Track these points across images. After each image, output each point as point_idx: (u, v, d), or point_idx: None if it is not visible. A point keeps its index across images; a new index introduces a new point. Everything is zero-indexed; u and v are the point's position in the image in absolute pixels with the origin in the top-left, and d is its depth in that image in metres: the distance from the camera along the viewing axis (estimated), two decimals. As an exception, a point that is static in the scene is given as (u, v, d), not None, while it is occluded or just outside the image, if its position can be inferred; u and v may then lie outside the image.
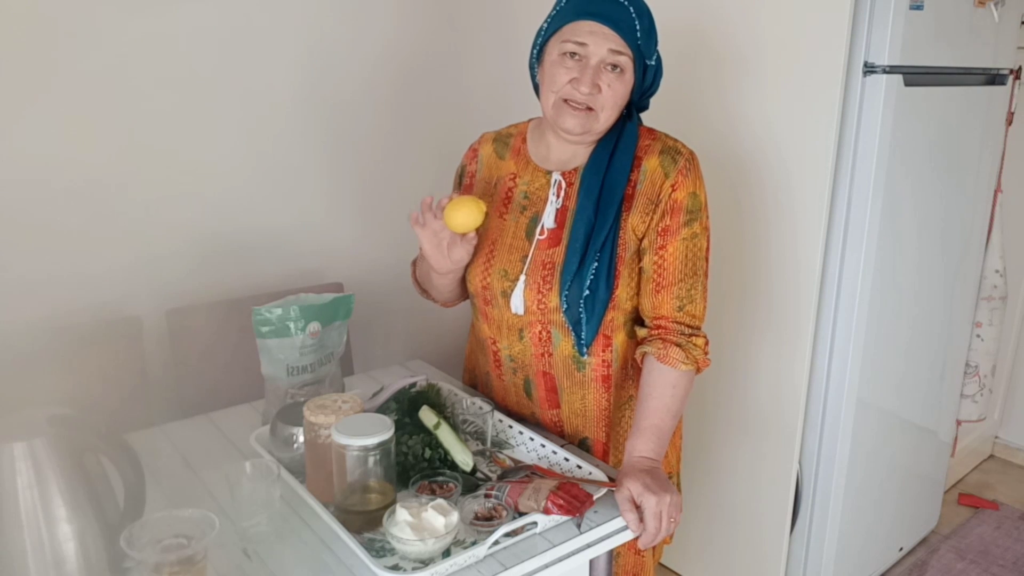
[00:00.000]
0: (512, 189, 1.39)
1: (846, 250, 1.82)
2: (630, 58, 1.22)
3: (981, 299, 2.41)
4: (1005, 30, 2.03)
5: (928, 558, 2.40)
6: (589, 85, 1.21)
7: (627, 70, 1.23)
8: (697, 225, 1.28)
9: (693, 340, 1.27)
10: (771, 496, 2.02)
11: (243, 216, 1.84)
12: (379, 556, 1.04)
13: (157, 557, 0.92)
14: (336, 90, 1.92)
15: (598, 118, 1.25)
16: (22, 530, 0.91)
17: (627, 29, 1.20)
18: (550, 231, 1.33)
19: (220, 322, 1.73)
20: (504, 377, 1.44)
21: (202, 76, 1.70)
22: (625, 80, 1.24)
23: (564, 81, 1.23)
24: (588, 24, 1.20)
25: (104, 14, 1.55)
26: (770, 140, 1.84)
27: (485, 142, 1.46)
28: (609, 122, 1.27)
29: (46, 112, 1.53)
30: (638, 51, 1.22)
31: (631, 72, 1.24)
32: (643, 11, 1.23)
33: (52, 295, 1.59)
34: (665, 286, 1.28)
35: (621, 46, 1.21)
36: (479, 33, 2.12)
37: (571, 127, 1.25)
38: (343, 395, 1.21)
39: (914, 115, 1.80)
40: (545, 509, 1.09)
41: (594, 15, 1.20)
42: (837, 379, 1.90)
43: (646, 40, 1.22)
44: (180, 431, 1.45)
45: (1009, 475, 2.93)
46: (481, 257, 1.38)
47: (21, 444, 0.91)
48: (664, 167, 1.27)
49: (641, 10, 1.23)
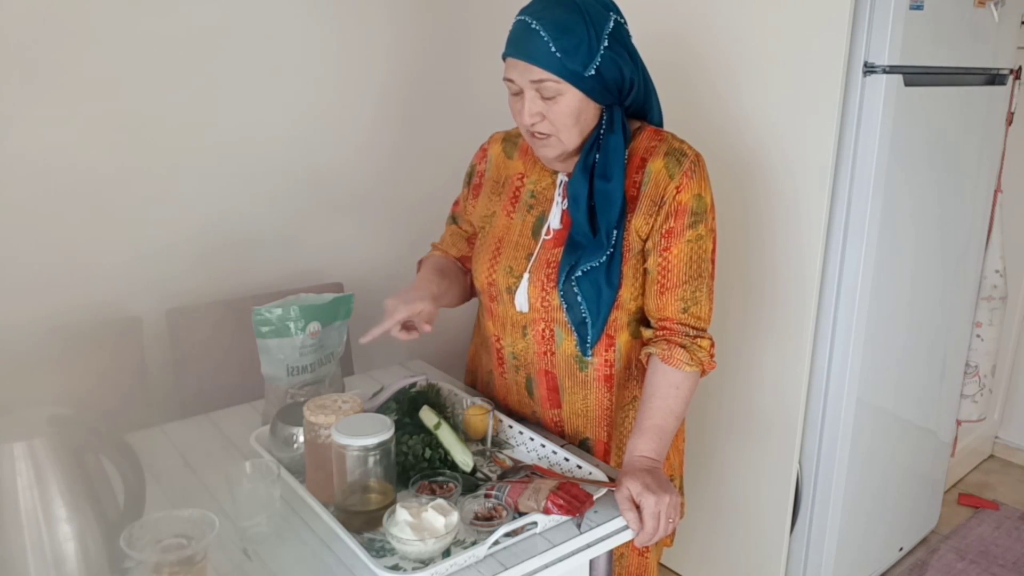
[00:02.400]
0: (520, 188, 1.40)
1: (846, 250, 1.82)
2: (556, 81, 1.19)
3: (981, 299, 2.41)
4: (1005, 30, 2.03)
5: (928, 558, 2.40)
6: (528, 116, 1.22)
7: (562, 93, 1.20)
8: (702, 227, 1.28)
9: (698, 342, 1.27)
10: (771, 496, 2.02)
11: (243, 216, 1.84)
12: (379, 556, 1.04)
13: (157, 557, 0.92)
14: (339, 93, 1.92)
15: (560, 140, 1.25)
16: (22, 530, 0.91)
17: (541, 56, 1.18)
18: (556, 231, 1.33)
19: (220, 322, 1.73)
20: (507, 375, 1.45)
21: (203, 76, 1.70)
22: (564, 102, 1.21)
23: (517, 117, 1.26)
24: (510, 61, 1.23)
25: (104, 13, 1.55)
26: (770, 140, 1.84)
27: (495, 142, 1.48)
28: (575, 139, 1.25)
29: (46, 112, 1.53)
30: (564, 71, 1.18)
31: (570, 92, 1.20)
32: (560, 29, 1.17)
33: (52, 295, 1.59)
34: (669, 288, 1.28)
35: (541, 75, 1.19)
36: (483, 33, 2.12)
37: (545, 155, 1.29)
38: (343, 395, 1.21)
39: (914, 115, 1.80)
40: (545, 509, 1.09)
41: (510, 52, 1.22)
42: (837, 379, 1.90)
43: (571, 57, 1.18)
44: (180, 431, 1.45)
45: (1009, 475, 2.93)
46: (487, 254, 1.39)
47: (21, 444, 0.91)
48: (669, 169, 1.27)
49: (557, 30, 1.17)
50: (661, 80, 1.42)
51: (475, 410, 1.37)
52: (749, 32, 1.83)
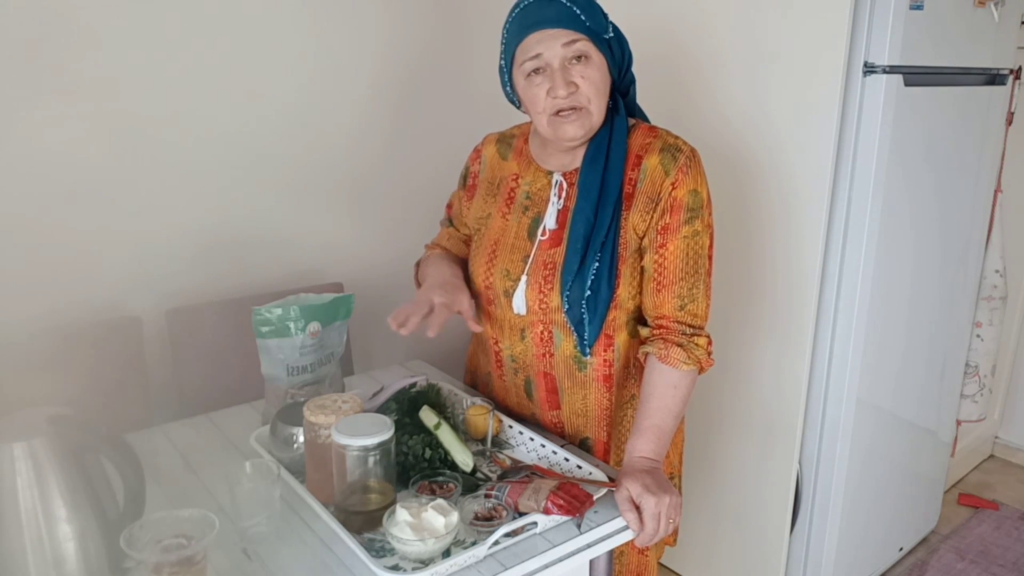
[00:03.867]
0: (515, 189, 1.39)
1: (846, 250, 1.82)
2: (588, 40, 1.21)
3: (981, 299, 2.41)
4: (1005, 30, 2.03)
5: (928, 558, 2.40)
6: (564, 86, 1.21)
7: (592, 54, 1.22)
8: (699, 223, 1.27)
9: (695, 340, 1.27)
10: (771, 496, 2.02)
11: (243, 216, 1.84)
12: (379, 556, 1.04)
13: (157, 557, 0.92)
14: (337, 90, 1.92)
15: (590, 112, 1.25)
16: (22, 530, 0.91)
17: (568, 18, 1.20)
18: (551, 232, 1.33)
19: (220, 322, 1.73)
20: (505, 377, 1.44)
21: (203, 76, 1.70)
22: (595, 64, 1.23)
23: (543, 97, 1.24)
24: (532, 37, 1.21)
25: (104, 13, 1.55)
26: (770, 140, 1.84)
27: (488, 143, 1.47)
28: (601, 112, 1.26)
29: (46, 112, 1.53)
30: (590, 32, 1.21)
31: (597, 54, 1.23)
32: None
33: (52, 295, 1.59)
34: (666, 285, 1.28)
35: (572, 35, 1.20)
36: (482, 33, 2.12)
37: (572, 134, 1.26)
38: (343, 395, 1.21)
39: (914, 115, 1.80)
40: (545, 509, 1.09)
41: (533, 26, 1.21)
42: (837, 379, 1.90)
43: (592, 17, 1.21)
44: (180, 431, 1.45)
45: (1009, 475, 2.93)
46: (483, 257, 1.38)
47: (21, 444, 0.91)
48: (664, 165, 1.27)
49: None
50: (660, 79, 1.42)
51: (475, 410, 1.37)
52: (749, 32, 1.83)
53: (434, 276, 1.40)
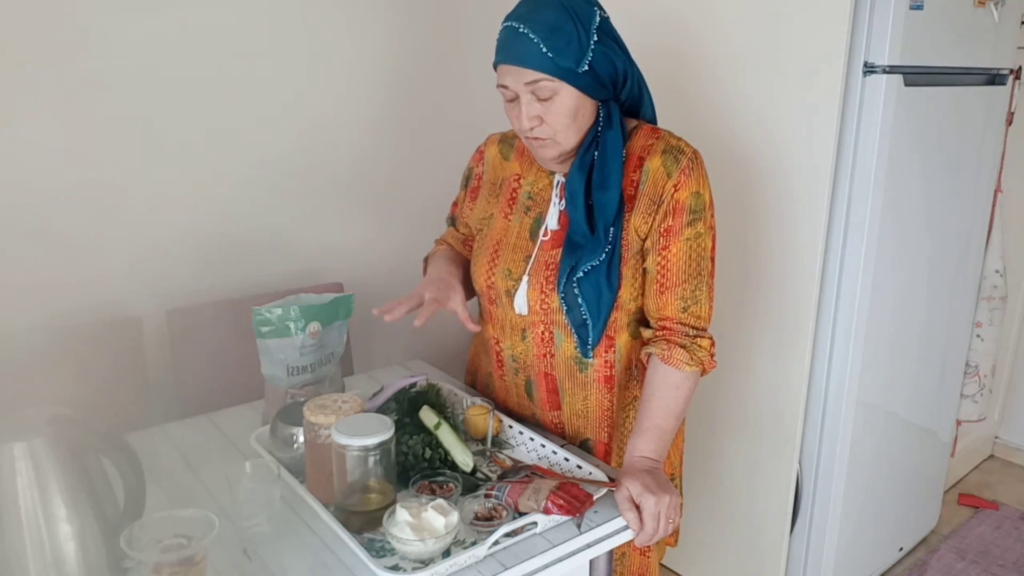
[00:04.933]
0: (516, 190, 1.40)
1: (846, 250, 1.82)
2: (550, 80, 1.19)
3: (981, 299, 2.41)
4: (1005, 30, 2.03)
5: (928, 558, 2.40)
6: (527, 121, 1.22)
7: (559, 90, 1.20)
8: (701, 225, 1.27)
9: (698, 341, 1.27)
10: (771, 496, 2.02)
11: (243, 216, 1.84)
12: (379, 556, 1.04)
13: (157, 557, 0.92)
14: (338, 90, 1.92)
15: (558, 141, 1.24)
16: (22, 530, 0.91)
17: (532, 57, 1.17)
18: (553, 232, 1.33)
19: (220, 322, 1.73)
20: (506, 378, 1.44)
21: (204, 77, 1.70)
22: (560, 101, 1.20)
23: (514, 123, 1.26)
24: (502, 68, 1.22)
25: (106, 14, 1.55)
26: (770, 140, 1.84)
27: (491, 144, 1.47)
28: (572, 139, 1.25)
29: (46, 112, 1.53)
30: (558, 70, 1.18)
31: (566, 90, 1.20)
32: (549, 29, 1.17)
33: (52, 295, 1.59)
34: (669, 287, 1.27)
35: (534, 76, 1.18)
36: (483, 35, 2.11)
37: (544, 157, 1.29)
38: (343, 395, 1.21)
39: (914, 115, 1.80)
40: (545, 509, 1.09)
41: (501, 59, 1.22)
42: (837, 379, 1.90)
43: (563, 55, 1.17)
44: (180, 431, 1.45)
45: (1009, 475, 2.93)
46: (486, 257, 1.38)
47: (21, 444, 0.91)
48: (666, 167, 1.26)
49: (546, 30, 1.16)
50: (660, 81, 1.42)
51: (475, 410, 1.37)
52: (749, 32, 1.83)
53: (431, 272, 1.43)
